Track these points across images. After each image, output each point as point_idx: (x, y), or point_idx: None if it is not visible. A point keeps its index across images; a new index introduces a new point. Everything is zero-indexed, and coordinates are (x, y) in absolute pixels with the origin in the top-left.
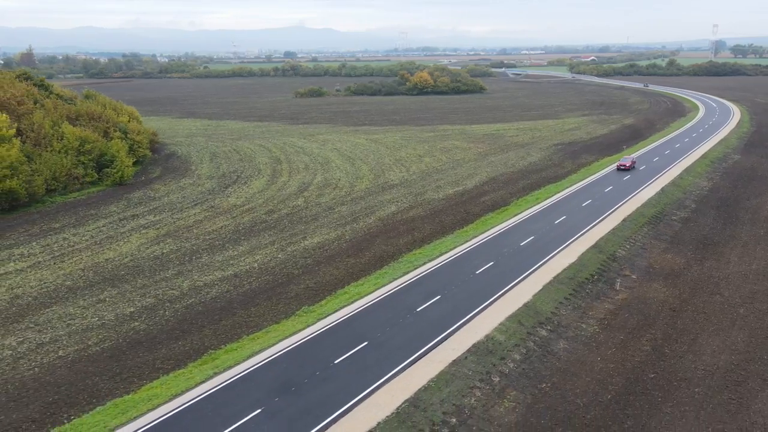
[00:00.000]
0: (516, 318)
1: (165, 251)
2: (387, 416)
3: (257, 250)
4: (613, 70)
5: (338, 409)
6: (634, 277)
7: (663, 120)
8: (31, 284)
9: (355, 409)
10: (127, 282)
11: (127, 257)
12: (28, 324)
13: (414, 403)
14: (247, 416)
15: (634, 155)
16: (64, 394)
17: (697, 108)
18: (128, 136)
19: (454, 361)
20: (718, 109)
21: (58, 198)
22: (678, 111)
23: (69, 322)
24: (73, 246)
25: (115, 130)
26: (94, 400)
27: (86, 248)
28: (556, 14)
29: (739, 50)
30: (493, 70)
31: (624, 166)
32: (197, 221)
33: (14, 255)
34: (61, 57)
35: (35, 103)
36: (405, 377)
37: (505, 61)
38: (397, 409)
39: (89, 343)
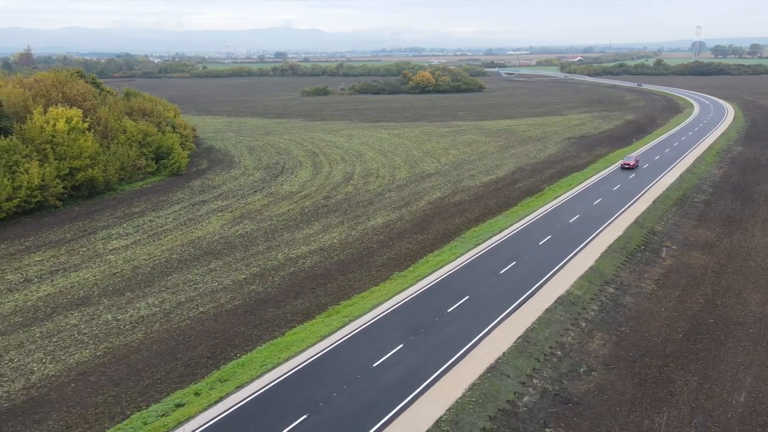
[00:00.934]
0: (586, 278)
1: (247, 230)
2: (508, 348)
3: (330, 229)
4: (602, 69)
5: (467, 344)
6: (674, 247)
7: (662, 116)
8: (142, 257)
9: (481, 343)
10: (226, 255)
11: (216, 235)
12: (159, 288)
13: (525, 339)
14: (394, 348)
15: (644, 148)
16: (221, 339)
17: (691, 105)
18: (176, 130)
19: (546, 309)
20: (711, 106)
21: (126, 186)
22: (674, 108)
23: (194, 286)
24: (162, 226)
25: (165, 125)
26: (250, 343)
27: (175, 228)
28: (539, 16)
29: (719, 51)
30: (487, 70)
31: (628, 165)
32: (263, 205)
33: (113, 234)
34: (55, 57)
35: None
36: (512, 321)
37: (495, 61)
38: (514, 343)
39: (221, 301)
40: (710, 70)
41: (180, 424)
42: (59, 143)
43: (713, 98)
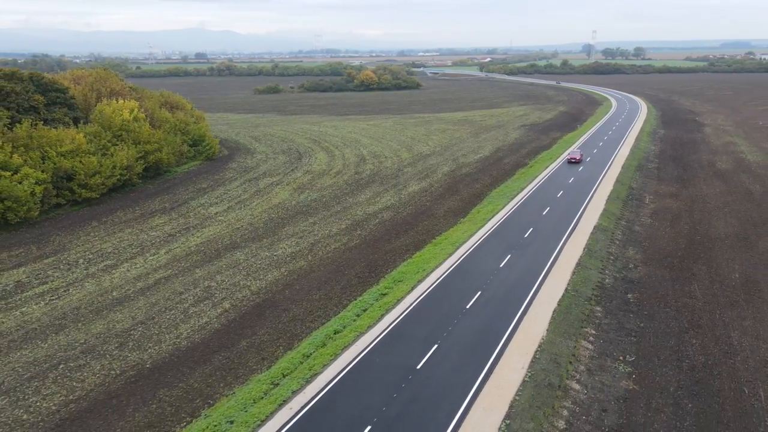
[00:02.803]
0: (604, 216)
1: (313, 198)
2: (580, 255)
3: (381, 195)
4: (517, 69)
5: (552, 254)
6: (651, 197)
7: (588, 108)
8: (248, 218)
9: (562, 252)
10: (315, 214)
11: (291, 201)
12: (284, 236)
13: (588, 249)
14: (506, 258)
15: (590, 132)
16: (364, 264)
17: (607, 99)
18: (197, 121)
19: (590, 233)
20: (624, 99)
21: (177, 169)
22: (593, 101)
23: (310, 233)
24: (239, 197)
25: (190, 116)
26: (390, 264)
27: (251, 198)
28: (444, 20)
29: (609, 53)
30: (414, 69)
31: (574, 159)
32: (309, 180)
33: (204, 204)
34: None
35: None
36: (573, 240)
37: (414, 62)
38: (583, 251)
39: (343, 241)
40: (609, 69)
41: (399, 300)
42: (131, 130)
43: (622, 93)
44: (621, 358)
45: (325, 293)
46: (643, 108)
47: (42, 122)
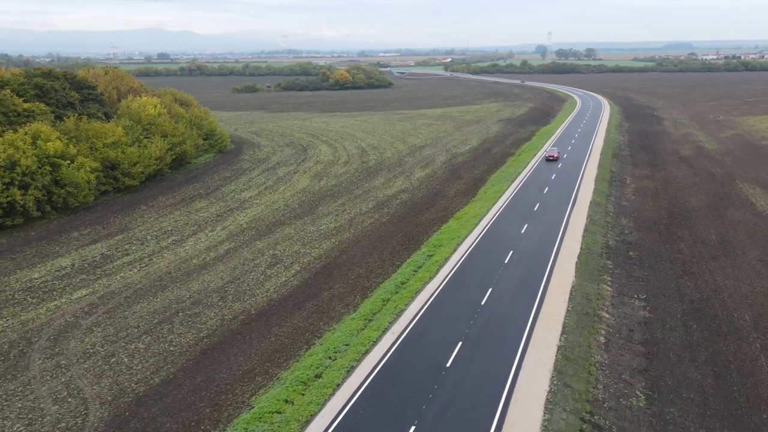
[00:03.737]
0: (596, 194)
1: (332, 183)
2: (585, 223)
3: (392, 180)
4: (480, 68)
5: (561, 223)
6: (630, 179)
7: (555, 104)
8: (281, 201)
9: (569, 221)
10: (340, 197)
11: (314, 186)
12: (320, 215)
13: (591, 218)
14: (524, 226)
15: (564, 125)
16: (401, 235)
17: (570, 96)
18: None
19: (588, 206)
20: (586, 96)
21: (195, 161)
22: (559, 98)
23: (342, 213)
24: (264, 183)
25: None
26: (424, 234)
27: (276, 184)
28: (399, 21)
29: (562, 53)
30: (382, 69)
31: (552, 156)
32: (321, 169)
33: (235, 190)
34: None
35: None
36: (576, 212)
37: (380, 62)
38: (586, 219)
39: (375, 218)
40: (566, 69)
41: (446, 259)
42: (158, 124)
43: (582, 90)
44: (635, 296)
45: (377, 257)
46: (605, 104)
47: (81, 117)
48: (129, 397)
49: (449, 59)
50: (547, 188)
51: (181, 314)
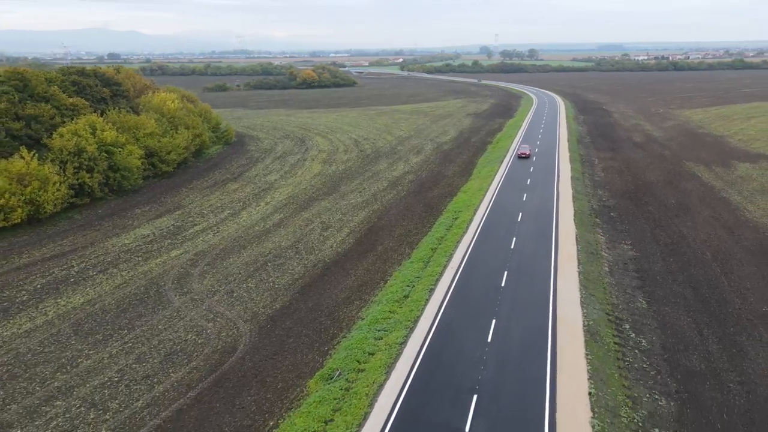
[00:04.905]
0: (573, 171)
1: (341, 168)
2: (572, 194)
3: (394, 164)
4: (434, 68)
5: (553, 192)
6: (597, 160)
7: (514, 100)
8: (304, 182)
9: (559, 191)
10: (355, 178)
11: (328, 170)
12: (344, 192)
13: (575, 189)
14: (524, 195)
15: (528, 118)
16: (422, 205)
17: (525, 93)
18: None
19: (570, 181)
20: (539, 93)
21: (208, 151)
22: (515, 95)
23: (365, 189)
24: (281, 168)
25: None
26: (440, 204)
27: (292, 169)
28: (347, 22)
29: (506, 54)
30: (340, 69)
31: (525, 154)
32: (326, 157)
33: (259, 174)
34: None
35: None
36: (561, 185)
37: (335, 62)
38: (571, 189)
39: (393, 194)
40: (513, 68)
41: (470, 220)
42: (179, 117)
43: (533, 88)
44: (623, 242)
45: (410, 221)
46: (558, 100)
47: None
48: (263, 317)
49: (401, 59)
50: (532, 168)
51: (269, 264)
